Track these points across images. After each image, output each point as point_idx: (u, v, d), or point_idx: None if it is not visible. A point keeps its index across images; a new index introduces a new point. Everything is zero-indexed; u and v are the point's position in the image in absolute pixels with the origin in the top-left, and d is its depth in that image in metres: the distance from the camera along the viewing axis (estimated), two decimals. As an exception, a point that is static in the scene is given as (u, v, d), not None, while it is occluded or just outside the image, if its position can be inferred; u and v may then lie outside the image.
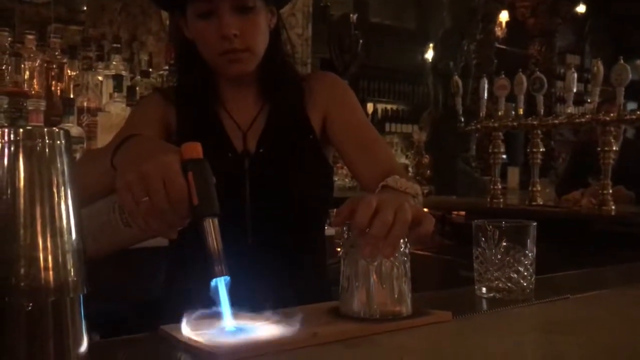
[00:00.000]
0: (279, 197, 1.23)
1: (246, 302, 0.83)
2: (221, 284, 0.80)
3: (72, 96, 2.39)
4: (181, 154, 0.83)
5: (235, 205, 1.21)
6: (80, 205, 0.66)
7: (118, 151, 0.94)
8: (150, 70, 2.84)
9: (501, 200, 3.28)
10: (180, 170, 0.81)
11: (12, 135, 0.61)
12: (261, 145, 1.28)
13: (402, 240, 0.88)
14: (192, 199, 0.81)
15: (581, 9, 7.01)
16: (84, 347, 0.64)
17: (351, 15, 6.05)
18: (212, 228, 0.81)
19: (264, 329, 0.79)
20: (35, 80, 2.41)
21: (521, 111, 3.24)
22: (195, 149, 0.84)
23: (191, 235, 0.83)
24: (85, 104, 2.38)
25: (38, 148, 0.62)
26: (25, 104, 2.17)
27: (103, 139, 2.29)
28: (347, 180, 4.08)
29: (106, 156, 0.97)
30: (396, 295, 0.88)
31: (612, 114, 2.76)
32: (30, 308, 0.60)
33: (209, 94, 1.32)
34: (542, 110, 3.12)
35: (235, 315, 0.81)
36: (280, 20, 1.35)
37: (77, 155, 2.12)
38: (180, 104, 1.32)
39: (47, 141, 0.62)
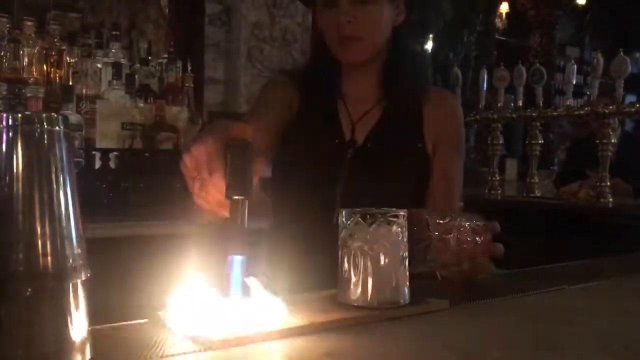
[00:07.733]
0: (371, 189, 1.30)
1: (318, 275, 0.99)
2: (237, 262, 0.82)
3: (71, 83, 2.37)
4: (228, 134, 0.89)
5: (329, 187, 1.31)
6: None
7: None
8: (150, 58, 2.82)
9: (499, 191, 3.29)
10: (218, 150, 0.87)
11: (10, 121, 0.61)
12: (370, 139, 1.36)
13: (399, 230, 0.89)
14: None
15: (582, 0, 6.97)
16: (83, 333, 0.64)
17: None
18: (239, 207, 0.85)
19: (259, 313, 0.79)
20: (34, 67, 2.39)
21: (520, 103, 3.24)
22: (243, 130, 0.89)
23: None
24: (84, 91, 2.37)
25: (36, 133, 0.62)
26: (23, 91, 2.16)
27: (102, 127, 2.29)
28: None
29: None
30: (393, 284, 0.89)
31: (611, 107, 2.76)
32: (28, 293, 0.60)
33: (331, 83, 1.42)
34: (541, 102, 3.12)
35: (234, 296, 0.81)
36: (412, 30, 1.47)
37: (77, 143, 2.12)
38: (304, 88, 1.42)
39: (46, 126, 0.62)
